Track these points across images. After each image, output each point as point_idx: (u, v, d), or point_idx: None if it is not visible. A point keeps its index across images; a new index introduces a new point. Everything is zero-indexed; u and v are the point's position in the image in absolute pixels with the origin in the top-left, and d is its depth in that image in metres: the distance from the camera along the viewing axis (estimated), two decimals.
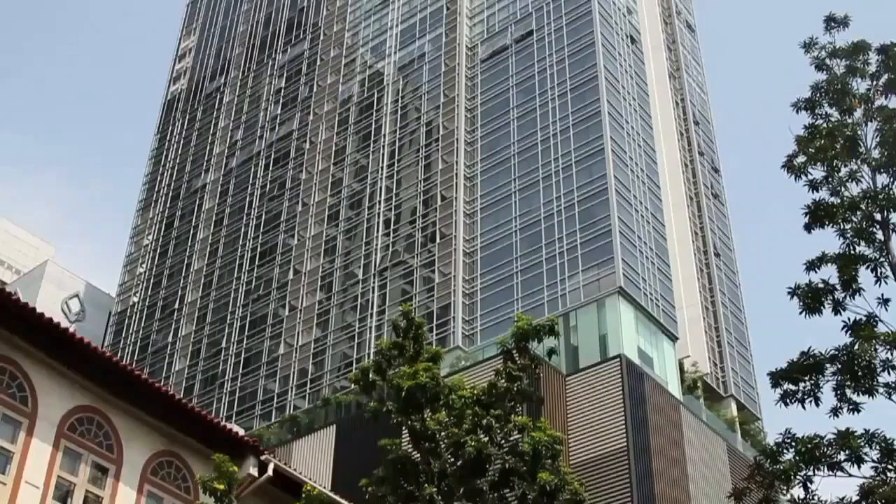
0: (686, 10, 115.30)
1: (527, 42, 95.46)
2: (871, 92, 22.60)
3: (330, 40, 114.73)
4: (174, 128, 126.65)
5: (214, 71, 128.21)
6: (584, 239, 79.34)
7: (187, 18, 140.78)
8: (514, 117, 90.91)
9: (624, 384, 67.40)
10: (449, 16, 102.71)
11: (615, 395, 67.33)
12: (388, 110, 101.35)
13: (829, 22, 23.69)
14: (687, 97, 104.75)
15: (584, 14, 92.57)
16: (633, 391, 67.96)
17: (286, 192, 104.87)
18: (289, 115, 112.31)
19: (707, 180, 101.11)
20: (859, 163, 22.06)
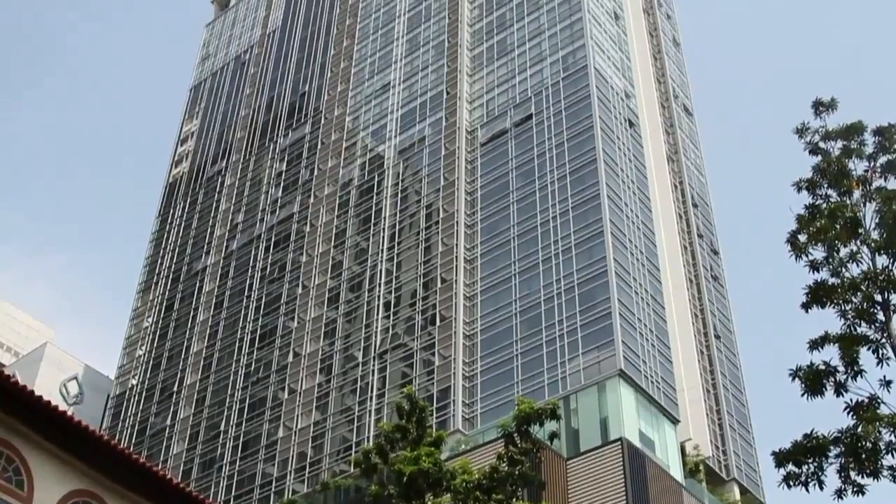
0: (684, 95, 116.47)
1: (526, 126, 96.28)
2: (868, 173, 22.78)
3: (331, 124, 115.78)
4: (175, 210, 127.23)
5: (216, 154, 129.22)
6: (585, 321, 79.19)
7: (190, 103, 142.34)
8: (514, 200, 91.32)
9: (625, 468, 66.80)
10: (449, 100, 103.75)
11: (617, 479, 66.69)
12: (388, 193, 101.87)
13: (818, 106, 24.06)
14: (685, 180, 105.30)
15: (583, 98, 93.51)
16: (634, 475, 67.31)
17: (286, 274, 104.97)
18: (289, 197, 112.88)
19: (706, 262, 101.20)
20: (859, 244, 22.13)
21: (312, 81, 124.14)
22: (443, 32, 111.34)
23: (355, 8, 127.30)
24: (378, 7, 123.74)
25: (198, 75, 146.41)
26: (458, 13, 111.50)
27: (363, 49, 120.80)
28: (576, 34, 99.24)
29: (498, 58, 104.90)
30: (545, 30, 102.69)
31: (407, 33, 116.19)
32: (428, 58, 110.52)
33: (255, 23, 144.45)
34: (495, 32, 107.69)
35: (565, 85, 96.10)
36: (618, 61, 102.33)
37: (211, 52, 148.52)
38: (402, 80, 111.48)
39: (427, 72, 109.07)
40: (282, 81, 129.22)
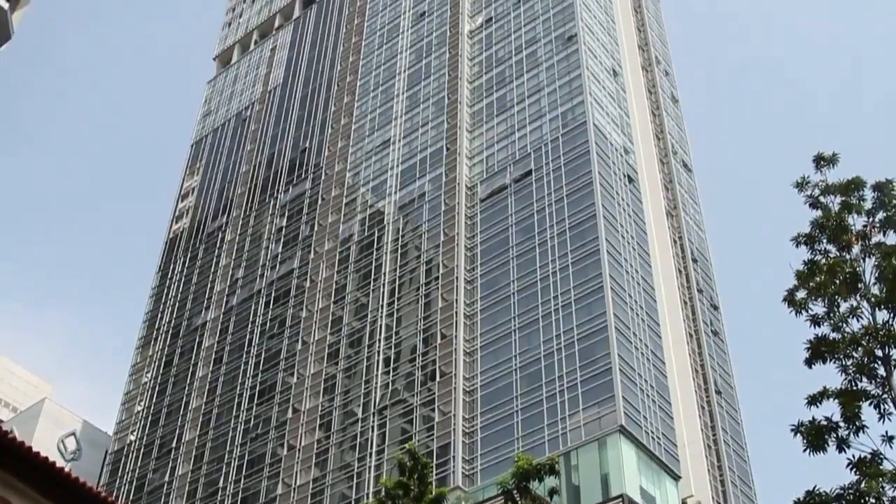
0: (682, 151, 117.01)
1: (526, 181, 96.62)
2: (867, 228, 22.86)
3: (331, 180, 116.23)
4: (176, 266, 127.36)
5: (217, 210, 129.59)
6: (585, 377, 78.96)
7: (191, 159, 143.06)
8: (514, 256, 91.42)
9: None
10: (449, 156, 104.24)
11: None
12: (388, 249, 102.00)
13: (819, 161, 24.19)
14: (685, 235, 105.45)
15: (582, 154, 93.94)
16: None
17: (286, 330, 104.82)
18: (290, 253, 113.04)
19: (706, 317, 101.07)
20: (859, 299, 22.16)
21: (313, 138, 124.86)
22: (443, 89, 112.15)
23: (356, 65, 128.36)
24: (378, 65, 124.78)
25: (199, 131, 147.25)
26: (458, 70, 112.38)
27: (363, 106, 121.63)
28: (575, 91, 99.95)
29: (498, 114, 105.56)
30: (544, 86, 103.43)
31: (407, 90, 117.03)
32: (428, 114, 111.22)
33: (257, 80, 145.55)
34: (495, 89, 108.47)
35: (565, 141, 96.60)
36: (617, 117, 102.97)
37: (212, 109, 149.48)
38: (402, 136, 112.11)
39: (427, 128, 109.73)
40: (282, 138, 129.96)
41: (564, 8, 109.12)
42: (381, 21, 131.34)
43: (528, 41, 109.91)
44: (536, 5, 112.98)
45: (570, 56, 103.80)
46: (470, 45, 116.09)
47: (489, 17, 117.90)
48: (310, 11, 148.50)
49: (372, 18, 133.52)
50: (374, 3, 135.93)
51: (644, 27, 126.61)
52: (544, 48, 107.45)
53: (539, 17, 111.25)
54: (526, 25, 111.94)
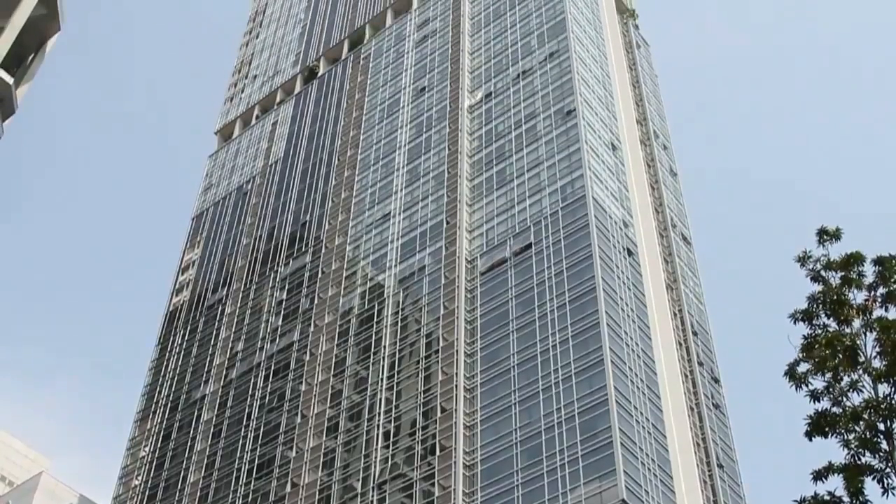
0: (682, 224, 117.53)
1: (525, 255, 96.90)
2: (868, 302, 22.96)
3: (331, 253, 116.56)
4: (175, 338, 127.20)
5: (217, 283, 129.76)
6: (586, 450, 78.52)
7: (192, 232, 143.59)
8: (514, 329, 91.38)
9: None
10: (449, 230, 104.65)
11: None
12: (388, 322, 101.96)
13: (822, 235, 24.30)
14: (685, 308, 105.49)
15: (582, 227, 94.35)
16: None
17: (285, 403, 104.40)
18: (289, 326, 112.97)
19: (707, 390, 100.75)
20: (860, 372, 22.21)
21: (313, 211, 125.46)
22: (443, 163, 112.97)
23: (356, 139, 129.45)
24: (379, 139, 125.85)
25: (200, 205, 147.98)
26: (458, 144, 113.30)
27: (364, 179, 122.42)
28: (574, 165, 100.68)
29: (497, 188, 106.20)
30: (544, 160, 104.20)
31: (407, 164, 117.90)
32: (428, 188, 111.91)
33: (258, 154, 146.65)
34: (495, 163, 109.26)
35: (564, 214, 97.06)
36: (616, 191, 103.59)
37: (213, 183, 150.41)
38: (402, 209, 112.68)
39: (427, 202, 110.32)
40: (283, 211, 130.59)
41: (563, 83, 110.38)
42: (382, 96, 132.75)
43: (528, 116, 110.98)
44: (535, 80, 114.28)
45: (569, 130, 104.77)
46: (470, 119, 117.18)
47: (489, 91, 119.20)
48: (311, 87, 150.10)
49: (372, 93, 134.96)
50: (374, 78, 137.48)
51: (642, 102, 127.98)
52: (543, 122, 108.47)
53: (538, 92, 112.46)
54: (525, 100, 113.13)
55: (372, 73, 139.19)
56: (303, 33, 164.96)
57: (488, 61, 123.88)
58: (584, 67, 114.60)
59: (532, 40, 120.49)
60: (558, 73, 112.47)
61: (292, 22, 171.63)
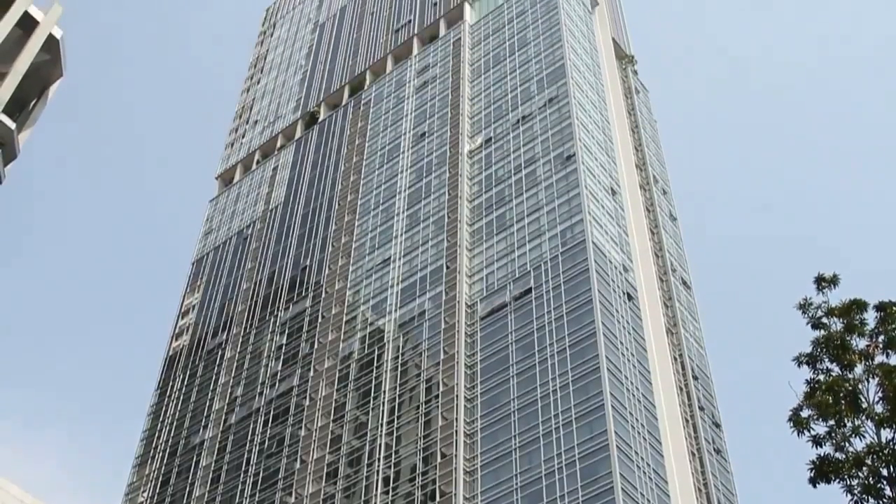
0: (681, 268, 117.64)
1: (525, 299, 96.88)
2: (870, 348, 22.99)
3: (332, 298, 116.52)
4: (174, 383, 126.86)
5: (217, 327, 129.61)
6: (587, 496, 78.08)
7: (192, 276, 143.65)
8: (514, 374, 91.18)
9: None
10: (449, 274, 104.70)
11: None
12: (388, 367, 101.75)
13: (820, 282, 24.39)
14: (685, 352, 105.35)
15: (582, 272, 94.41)
16: None
17: (285, 448, 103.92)
18: (289, 371, 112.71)
19: (708, 435, 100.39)
20: (863, 418, 22.19)
21: (314, 256, 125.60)
22: (443, 208, 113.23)
23: (357, 185, 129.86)
24: (379, 184, 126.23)
25: (200, 249, 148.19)
26: (458, 189, 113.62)
27: (364, 224, 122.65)
28: (574, 209, 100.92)
29: (497, 232, 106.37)
30: (543, 205, 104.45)
31: (407, 209, 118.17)
32: (428, 233, 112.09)
33: (259, 198, 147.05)
34: (494, 208, 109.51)
35: (564, 259, 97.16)
36: (616, 236, 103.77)
37: (214, 227, 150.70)
38: (402, 254, 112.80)
39: (427, 246, 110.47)
40: (283, 255, 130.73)
41: (563, 128, 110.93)
42: (382, 141, 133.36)
43: (528, 161, 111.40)
44: (535, 126, 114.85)
45: (568, 175, 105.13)
46: (470, 164, 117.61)
47: (489, 137, 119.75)
48: (312, 132, 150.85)
49: (373, 139, 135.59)
50: (374, 123, 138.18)
51: (641, 147, 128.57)
52: (543, 168, 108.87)
53: (538, 138, 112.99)
54: (525, 145, 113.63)
55: (372, 118, 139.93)
56: (304, 79, 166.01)
57: (488, 107, 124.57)
58: (584, 113, 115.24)
59: (532, 86, 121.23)
60: (558, 119, 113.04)
61: (293, 68, 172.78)
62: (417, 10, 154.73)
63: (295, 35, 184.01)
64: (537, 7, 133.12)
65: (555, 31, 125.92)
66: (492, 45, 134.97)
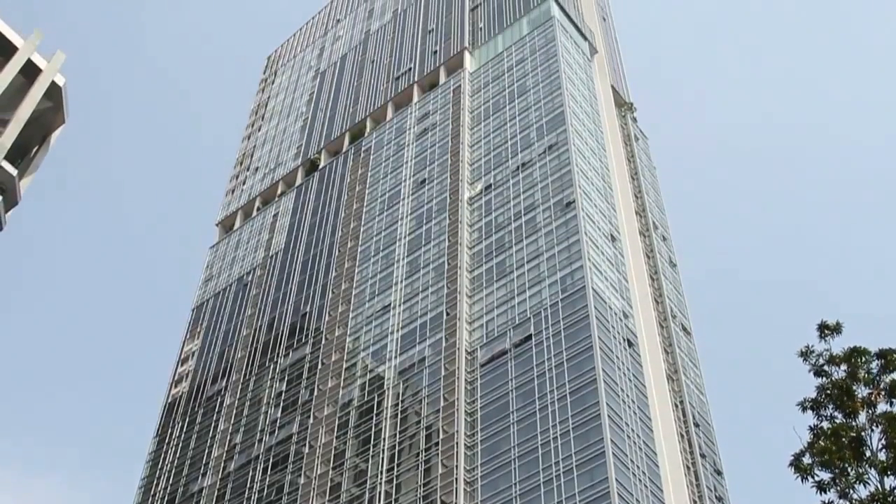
0: (681, 314, 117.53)
1: (525, 346, 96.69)
2: (873, 396, 22.94)
3: (331, 345, 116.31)
4: (173, 430, 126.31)
5: (216, 374, 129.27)
6: None
7: (192, 323, 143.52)
8: (514, 421, 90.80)
9: None
10: (449, 321, 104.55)
11: None
12: (388, 414, 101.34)
13: (823, 329, 24.34)
14: (686, 399, 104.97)
15: (582, 319, 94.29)
16: None
17: (284, 496, 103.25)
18: (289, 418, 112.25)
19: (710, 482, 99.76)
20: (866, 465, 22.11)
21: (314, 302, 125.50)
22: (443, 255, 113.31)
23: (357, 231, 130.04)
24: (379, 230, 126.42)
25: (200, 296, 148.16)
26: (458, 236, 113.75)
27: (364, 271, 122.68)
28: (574, 256, 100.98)
29: (497, 279, 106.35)
30: (543, 252, 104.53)
31: (407, 255, 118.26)
32: (428, 279, 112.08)
33: (259, 245, 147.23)
34: (494, 254, 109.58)
35: (564, 306, 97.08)
36: (616, 282, 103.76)
37: (214, 274, 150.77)
38: (402, 301, 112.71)
39: (427, 293, 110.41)
40: (283, 302, 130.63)
41: (562, 175, 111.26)
42: (383, 188, 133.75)
43: (528, 207, 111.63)
44: (535, 172, 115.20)
45: (568, 222, 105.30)
46: (470, 211, 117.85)
47: (488, 183, 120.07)
48: (312, 179, 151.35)
49: (373, 185, 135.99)
50: (375, 170, 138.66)
51: (641, 193, 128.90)
52: (543, 214, 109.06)
53: (538, 184, 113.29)
54: (525, 192, 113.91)
55: (373, 165, 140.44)
56: (304, 126, 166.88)
57: (488, 154, 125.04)
58: (584, 160, 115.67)
59: (531, 133, 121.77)
60: (557, 166, 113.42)
61: (294, 115, 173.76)
62: (418, 58, 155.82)
63: (296, 82, 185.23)
64: (537, 55, 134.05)
65: (554, 78, 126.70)
66: (491, 92, 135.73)
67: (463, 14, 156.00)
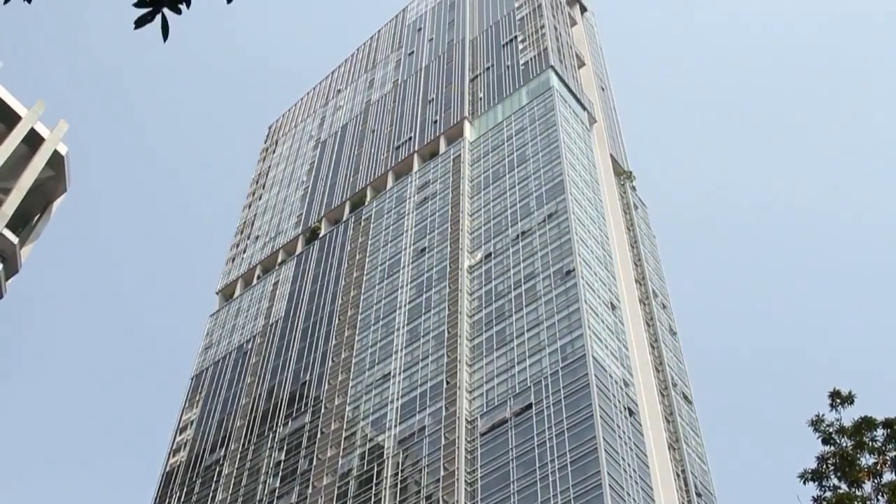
0: (682, 383, 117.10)
1: (526, 415, 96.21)
2: (878, 465, 22.71)
3: (331, 414, 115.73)
4: (171, 500, 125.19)
5: (215, 443, 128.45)
6: None
7: (191, 391, 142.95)
8: (515, 490, 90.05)
9: None
10: (449, 390, 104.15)
11: None
12: (387, 484, 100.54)
13: (835, 398, 24.03)
14: (688, 468, 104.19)
15: (582, 387, 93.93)
16: None
17: None
18: (288, 488, 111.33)
19: None
20: None
21: (313, 370, 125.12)
22: (443, 323, 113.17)
23: (357, 299, 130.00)
24: (379, 299, 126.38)
25: (200, 364, 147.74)
26: (458, 305, 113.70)
27: (364, 339, 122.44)
28: (574, 324, 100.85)
29: (497, 348, 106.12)
30: (543, 320, 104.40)
31: (407, 324, 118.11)
32: (428, 348, 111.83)
33: (259, 313, 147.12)
34: (494, 323, 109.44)
35: (564, 374, 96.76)
36: (616, 350, 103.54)
37: (214, 342, 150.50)
38: (402, 369, 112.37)
39: (427, 362, 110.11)
40: (283, 370, 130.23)
41: (562, 244, 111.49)
42: (383, 256, 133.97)
43: (527, 276, 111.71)
44: (535, 241, 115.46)
45: (568, 290, 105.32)
46: (469, 279, 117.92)
47: (488, 252, 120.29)
48: (312, 247, 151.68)
49: (373, 254, 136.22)
50: (375, 239, 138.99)
51: (641, 262, 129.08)
52: (543, 283, 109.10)
53: (538, 253, 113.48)
54: (525, 260, 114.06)
55: (373, 233, 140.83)
56: (305, 195, 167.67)
57: (488, 222, 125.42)
58: (583, 228, 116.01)
59: (531, 201, 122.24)
60: (557, 234, 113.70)
61: (295, 184, 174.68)
62: (418, 127, 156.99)
63: (297, 152, 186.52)
64: (536, 124, 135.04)
65: (553, 147, 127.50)
66: (491, 161, 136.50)
67: (463, 84, 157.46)
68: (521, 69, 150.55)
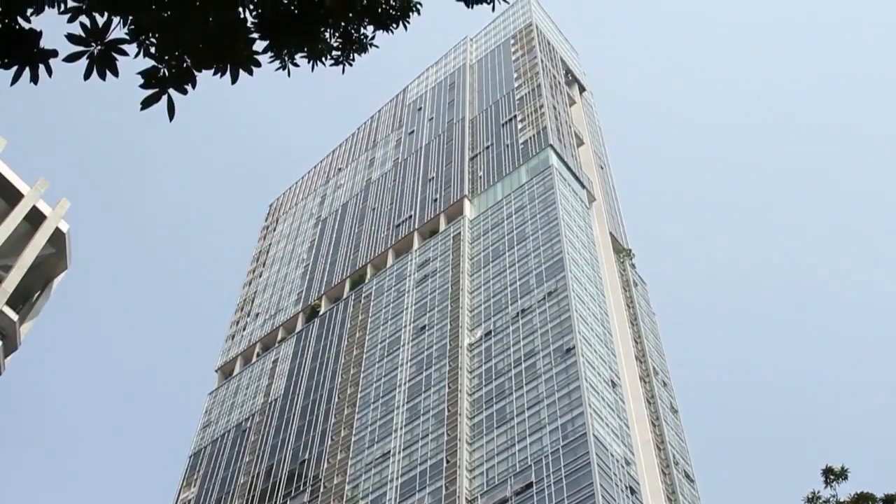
0: (684, 461, 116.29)
1: (527, 494, 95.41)
2: None
3: (330, 493, 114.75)
4: None
5: None
6: None
7: (188, 470, 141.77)
8: None
9: None
10: (449, 469, 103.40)
11: None
12: None
13: (828, 474, 23.98)
14: None
15: (583, 466, 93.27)
16: None
17: None
18: None
19: None
20: None
21: (312, 449, 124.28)
22: (443, 401, 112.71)
23: (356, 377, 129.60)
24: (379, 377, 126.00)
25: (198, 442, 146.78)
26: (458, 383, 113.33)
27: (364, 417, 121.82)
28: (574, 402, 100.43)
29: (498, 426, 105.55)
30: (544, 398, 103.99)
31: (407, 402, 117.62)
32: (428, 426, 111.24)
33: (258, 391, 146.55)
34: (495, 401, 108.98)
35: (565, 453, 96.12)
36: (617, 428, 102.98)
37: (212, 420, 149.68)
38: (402, 448, 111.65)
39: (427, 440, 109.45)
40: (282, 449, 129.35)
41: (562, 321, 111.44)
42: (383, 334, 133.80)
43: (527, 354, 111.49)
44: (535, 319, 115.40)
45: (568, 368, 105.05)
46: (469, 357, 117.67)
47: (488, 330, 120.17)
48: (312, 325, 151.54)
49: (373, 332, 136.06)
50: (375, 316, 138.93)
51: (641, 339, 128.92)
52: (543, 360, 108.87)
53: (538, 331, 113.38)
54: (525, 338, 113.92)
55: (373, 311, 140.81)
56: (305, 272, 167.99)
57: (488, 300, 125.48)
58: (583, 306, 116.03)
59: (531, 279, 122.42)
60: (557, 312, 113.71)
61: (295, 262, 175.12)
62: (418, 205, 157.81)
63: (297, 229, 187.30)
64: (536, 202, 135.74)
65: (553, 225, 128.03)
66: (491, 239, 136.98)
67: (463, 163, 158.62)
68: (521, 148, 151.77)
